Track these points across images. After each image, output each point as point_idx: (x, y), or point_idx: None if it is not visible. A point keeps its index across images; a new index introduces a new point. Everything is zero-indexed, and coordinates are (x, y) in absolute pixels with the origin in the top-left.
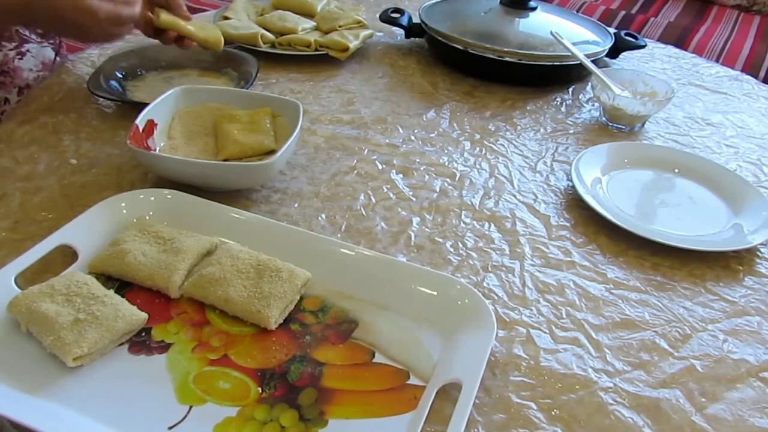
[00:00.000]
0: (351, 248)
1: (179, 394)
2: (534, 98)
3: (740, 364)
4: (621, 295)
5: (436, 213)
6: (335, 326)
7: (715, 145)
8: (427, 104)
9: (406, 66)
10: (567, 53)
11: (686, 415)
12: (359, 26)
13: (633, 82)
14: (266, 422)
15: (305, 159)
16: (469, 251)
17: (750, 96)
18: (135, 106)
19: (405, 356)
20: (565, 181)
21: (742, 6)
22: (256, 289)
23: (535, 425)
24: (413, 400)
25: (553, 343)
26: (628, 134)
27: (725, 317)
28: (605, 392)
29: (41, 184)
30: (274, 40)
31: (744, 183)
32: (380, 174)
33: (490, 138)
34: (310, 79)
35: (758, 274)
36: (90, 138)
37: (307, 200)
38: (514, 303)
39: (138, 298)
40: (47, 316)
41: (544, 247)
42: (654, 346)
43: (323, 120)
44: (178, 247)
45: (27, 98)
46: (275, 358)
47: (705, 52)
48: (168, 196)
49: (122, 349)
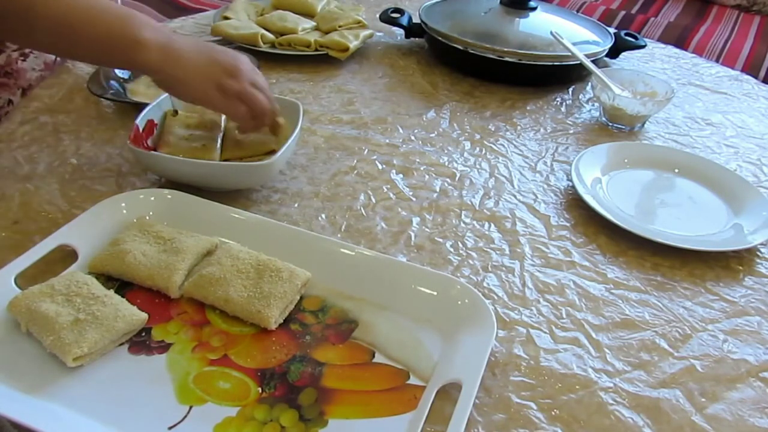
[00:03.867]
0: (351, 248)
1: (179, 394)
2: (534, 98)
3: (740, 364)
4: (621, 295)
5: (436, 213)
6: (335, 326)
7: (715, 145)
8: (427, 104)
9: (406, 66)
10: (567, 53)
11: (686, 415)
12: (359, 26)
13: (633, 82)
14: (266, 422)
15: (305, 159)
16: (469, 251)
17: (750, 96)
18: (135, 106)
19: (405, 356)
20: (565, 181)
21: (742, 6)
22: (256, 289)
23: (535, 425)
24: (413, 400)
25: (553, 343)
26: (628, 134)
27: (725, 317)
28: (605, 392)
29: (41, 184)
30: (274, 40)
31: (744, 183)
32: (380, 174)
33: (490, 138)
34: (310, 79)
35: (758, 274)
36: (90, 138)
37: (307, 200)
38: (514, 303)
39: (138, 298)
40: (47, 316)
41: (544, 247)
42: (654, 346)
43: (323, 120)
44: (178, 247)
45: (27, 98)
46: (275, 358)
47: (705, 52)
48: (168, 196)
49: (122, 349)
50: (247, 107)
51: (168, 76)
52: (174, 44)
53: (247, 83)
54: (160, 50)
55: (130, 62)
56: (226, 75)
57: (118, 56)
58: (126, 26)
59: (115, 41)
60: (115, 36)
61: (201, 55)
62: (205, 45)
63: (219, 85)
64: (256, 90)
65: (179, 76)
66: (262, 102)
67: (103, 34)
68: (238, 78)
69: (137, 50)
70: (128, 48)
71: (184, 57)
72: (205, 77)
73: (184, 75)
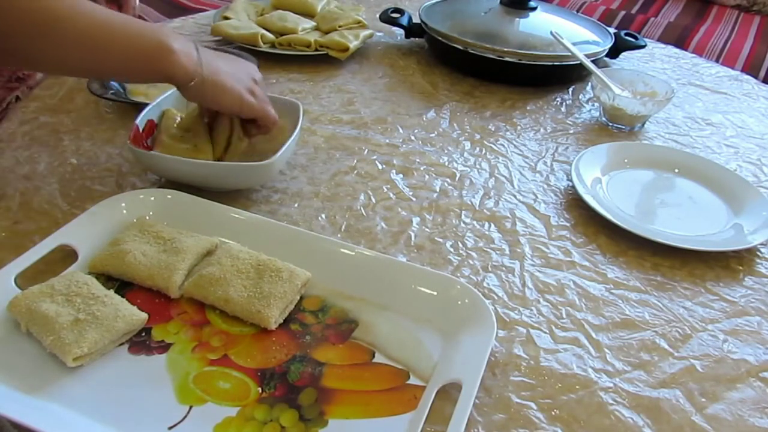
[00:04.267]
0: (351, 248)
1: (179, 394)
2: (534, 98)
3: (740, 364)
4: (621, 295)
5: (436, 213)
6: (335, 326)
7: (715, 145)
8: (427, 104)
9: (406, 66)
10: (567, 53)
11: (686, 415)
12: (359, 26)
13: (633, 82)
14: (266, 422)
15: (305, 159)
16: (469, 251)
17: (750, 96)
18: (135, 106)
19: (405, 356)
20: (565, 181)
21: (742, 6)
22: (256, 289)
23: (535, 425)
24: (413, 400)
25: (553, 343)
26: (628, 134)
27: (725, 317)
28: (605, 392)
29: (41, 184)
30: (274, 40)
31: (744, 183)
32: (380, 174)
33: (490, 138)
34: (310, 79)
35: (758, 274)
36: (90, 138)
37: (307, 200)
38: (514, 303)
39: (138, 298)
40: (47, 316)
41: (544, 247)
42: (654, 346)
43: (323, 120)
44: (178, 247)
45: (27, 98)
46: (275, 358)
47: (705, 52)
48: (168, 196)
49: (122, 349)
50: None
51: (207, 83)
52: (203, 53)
53: (264, 86)
54: (192, 58)
55: (164, 71)
56: (251, 79)
57: (151, 66)
58: (156, 34)
59: (148, 51)
60: (147, 46)
61: (228, 63)
62: (223, 54)
63: (250, 90)
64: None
65: (219, 80)
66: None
67: (135, 45)
68: (258, 82)
69: (172, 59)
70: (162, 57)
71: (216, 63)
72: (238, 82)
73: (223, 80)
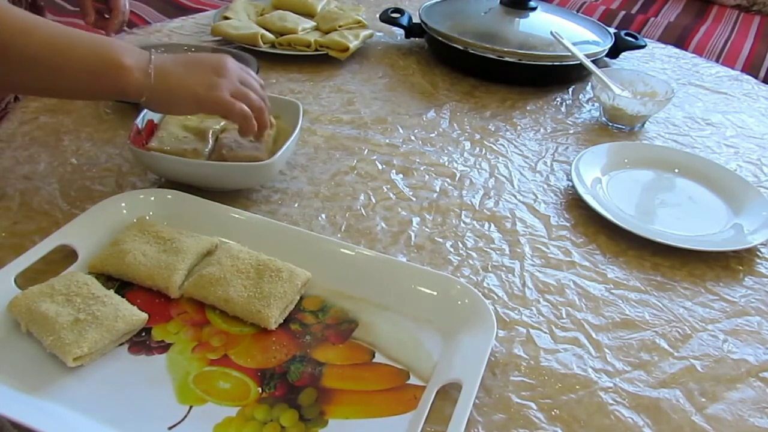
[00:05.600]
0: (351, 248)
1: (179, 394)
2: (534, 98)
3: (740, 364)
4: (621, 295)
5: (436, 213)
6: (335, 326)
7: (715, 145)
8: (427, 104)
9: (406, 66)
10: (567, 53)
11: (686, 415)
12: (359, 26)
13: (633, 82)
14: (266, 422)
15: (305, 159)
16: (469, 251)
17: (750, 96)
18: (135, 106)
19: (405, 356)
20: (565, 181)
21: (742, 6)
22: (256, 289)
23: (535, 425)
24: (413, 400)
25: (553, 343)
26: (628, 134)
27: (725, 317)
28: (605, 392)
29: (41, 184)
30: (274, 40)
31: (744, 183)
32: (380, 174)
33: (490, 138)
34: (310, 79)
35: (758, 274)
36: (90, 138)
37: (307, 200)
38: (514, 303)
39: (138, 298)
40: (47, 316)
41: (544, 247)
42: (654, 346)
43: (323, 120)
44: (178, 247)
45: (27, 98)
46: (275, 358)
47: (705, 52)
48: (168, 196)
49: (122, 349)
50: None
51: (157, 93)
52: (156, 62)
53: (236, 80)
54: (143, 70)
55: (117, 86)
56: (213, 74)
57: (103, 83)
58: (107, 51)
59: (99, 70)
60: (98, 64)
61: (185, 65)
62: (187, 55)
63: (208, 85)
64: (246, 87)
65: (169, 87)
66: (253, 99)
67: (86, 64)
68: (225, 75)
69: (121, 75)
70: (112, 74)
71: (167, 70)
72: (194, 82)
73: (174, 86)
